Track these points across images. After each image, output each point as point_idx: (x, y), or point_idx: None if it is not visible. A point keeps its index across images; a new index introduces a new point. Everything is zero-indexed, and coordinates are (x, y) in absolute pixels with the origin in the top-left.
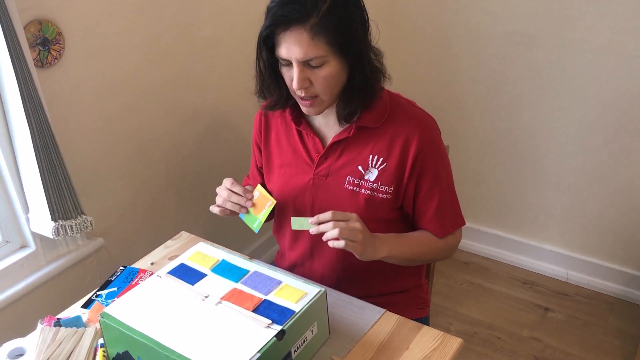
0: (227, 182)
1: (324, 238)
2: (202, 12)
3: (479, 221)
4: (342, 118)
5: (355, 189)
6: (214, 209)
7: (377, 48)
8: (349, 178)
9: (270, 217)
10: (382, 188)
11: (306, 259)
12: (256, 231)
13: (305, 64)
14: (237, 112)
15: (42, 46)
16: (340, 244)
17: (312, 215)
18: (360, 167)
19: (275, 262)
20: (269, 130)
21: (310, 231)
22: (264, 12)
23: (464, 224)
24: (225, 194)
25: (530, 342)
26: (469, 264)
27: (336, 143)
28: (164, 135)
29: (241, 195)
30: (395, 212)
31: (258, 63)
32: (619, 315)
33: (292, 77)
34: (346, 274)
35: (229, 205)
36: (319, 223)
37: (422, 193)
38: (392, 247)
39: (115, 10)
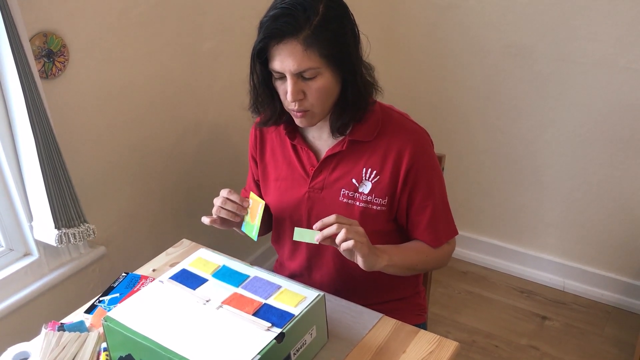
0: (224, 192)
1: (338, 240)
2: (204, 26)
3: (477, 231)
4: (335, 130)
5: (350, 201)
6: (205, 220)
7: (368, 63)
8: (343, 191)
9: (268, 228)
10: (376, 200)
11: (304, 270)
12: (255, 239)
13: (299, 76)
14: (237, 124)
15: (47, 58)
16: (349, 243)
17: (308, 228)
18: (354, 180)
19: (274, 272)
20: (264, 144)
21: (315, 239)
22: (256, 27)
23: (457, 233)
24: (219, 202)
25: (528, 351)
26: (467, 273)
27: (330, 157)
28: (165, 146)
29: (237, 204)
30: (391, 224)
31: (252, 77)
32: (615, 323)
33: (286, 90)
34: (344, 285)
35: (223, 213)
36: (323, 227)
37: (415, 205)
38: (392, 256)
39: (118, 24)
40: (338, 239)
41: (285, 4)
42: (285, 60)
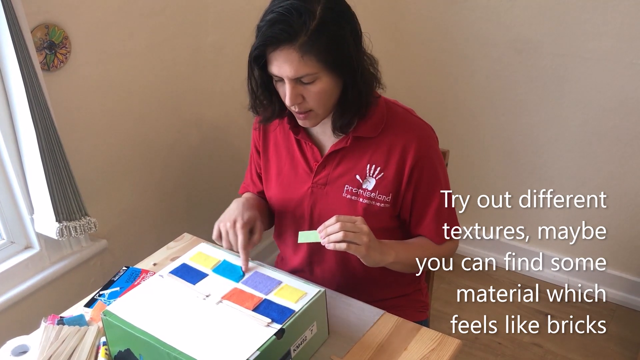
0: (238, 227)
1: (326, 242)
2: (207, 20)
3: (481, 227)
4: (336, 129)
5: (353, 197)
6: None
7: (371, 55)
8: (347, 187)
9: (270, 223)
10: (380, 197)
11: (306, 266)
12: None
13: (297, 81)
14: (239, 118)
15: (48, 50)
16: (342, 246)
17: (310, 225)
18: (358, 177)
19: (275, 267)
20: (268, 136)
21: (322, 243)
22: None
23: (460, 230)
24: (229, 232)
25: (532, 348)
26: (471, 270)
27: (334, 152)
28: (167, 139)
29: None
30: (394, 220)
31: (250, 81)
32: (620, 321)
33: (285, 93)
34: (345, 281)
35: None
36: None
37: (420, 201)
38: (399, 252)
39: (120, 17)
40: (329, 239)
41: (281, 8)
42: (282, 66)
